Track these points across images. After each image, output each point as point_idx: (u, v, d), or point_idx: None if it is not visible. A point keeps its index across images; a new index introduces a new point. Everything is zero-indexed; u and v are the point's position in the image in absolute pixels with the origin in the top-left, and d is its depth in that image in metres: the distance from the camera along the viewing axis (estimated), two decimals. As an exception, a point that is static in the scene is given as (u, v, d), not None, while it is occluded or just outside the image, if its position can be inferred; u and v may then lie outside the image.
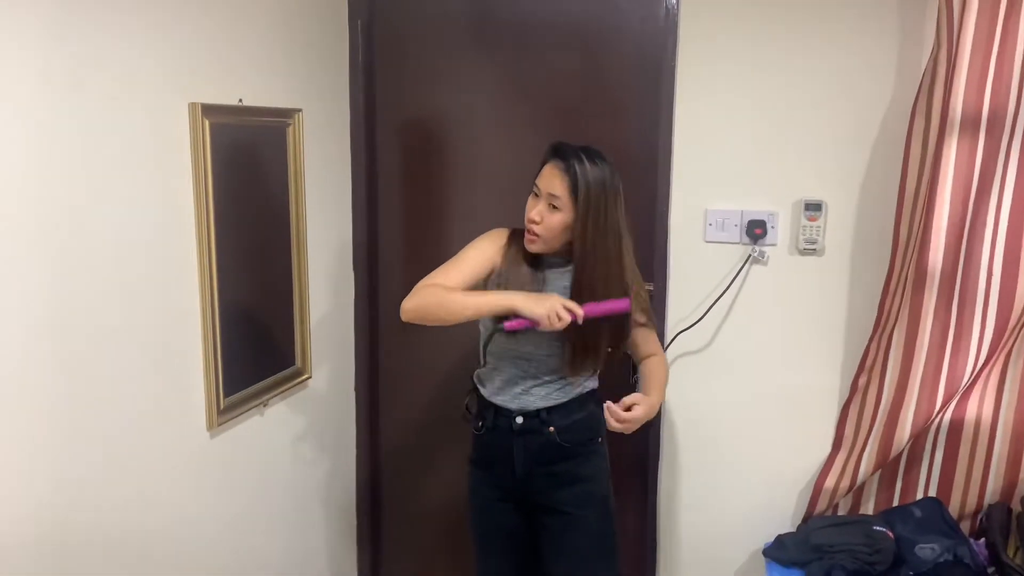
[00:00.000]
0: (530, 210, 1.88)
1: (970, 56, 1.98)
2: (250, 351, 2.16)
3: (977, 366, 2.13)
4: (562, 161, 1.84)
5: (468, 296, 1.83)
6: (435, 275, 1.90)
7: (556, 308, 1.75)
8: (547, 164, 1.88)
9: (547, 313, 1.75)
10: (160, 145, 1.80)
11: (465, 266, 1.91)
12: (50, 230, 1.54)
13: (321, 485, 2.60)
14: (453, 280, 1.88)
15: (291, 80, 2.28)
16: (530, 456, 1.97)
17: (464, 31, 2.54)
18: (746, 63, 2.28)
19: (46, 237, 1.54)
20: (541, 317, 1.75)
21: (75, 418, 1.63)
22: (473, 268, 1.92)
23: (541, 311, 1.75)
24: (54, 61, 1.53)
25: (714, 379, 2.43)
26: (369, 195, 2.65)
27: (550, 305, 1.76)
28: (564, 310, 1.76)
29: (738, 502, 2.48)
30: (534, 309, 1.76)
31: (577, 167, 1.81)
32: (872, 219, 2.25)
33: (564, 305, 1.77)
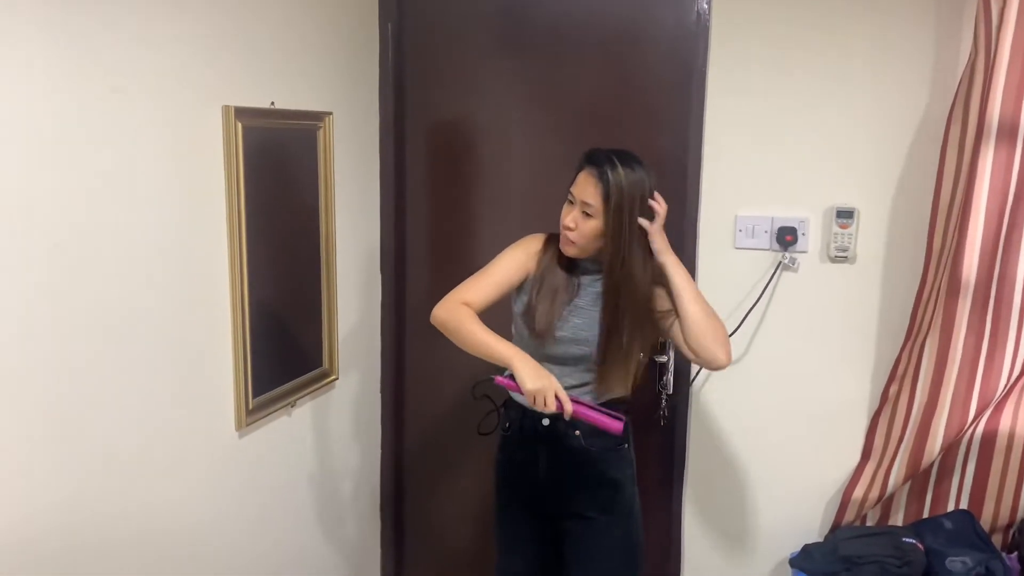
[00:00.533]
0: (565, 217, 1.88)
1: (1008, 64, 1.95)
2: (278, 352, 2.18)
3: (1012, 377, 2.09)
4: (595, 168, 1.83)
5: (482, 335, 1.82)
6: (466, 286, 1.90)
7: (547, 392, 1.72)
8: (581, 171, 1.87)
9: (535, 392, 1.72)
10: (194, 147, 1.82)
11: (495, 277, 1.91)
12: (83, 232, 1.56)
13: (346, 486, 2.62)
14: (482, 294, 1.89)
15: (322, 83, 2.29)
16: (555, 459, 1.96)
17: (494, 35, 2.54)
18: (778, 68, 2.26)
19: (79, 239, 1.56)
20: (528, 393, 1.73)
21: (105, 417, 1.65)
22: (503, 278, 1.92)
23: (531, 387, 1.72)
24: (89, 66, 1.55)
25: (742, 386, 2.42)
26: (397, 199, 2.66)
27: (543, 385, 1.73)
28: (553, 398, 1.73)
29: (765, 510, 2.46)
30: (525, 382, 1.73)
31: (610, 174, 1.80)
32: (905, 227, 2.23)
33: (557, 393, 1.73)
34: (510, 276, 1.92)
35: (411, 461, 2.84)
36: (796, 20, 2.23)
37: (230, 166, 1.91)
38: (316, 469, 2.43)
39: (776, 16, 2.24)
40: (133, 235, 1.67)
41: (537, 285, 1.92)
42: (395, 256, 2.69)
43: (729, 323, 2.38)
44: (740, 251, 2.36)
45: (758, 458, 2.45)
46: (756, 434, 2.44)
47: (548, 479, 1.98)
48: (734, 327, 2.37)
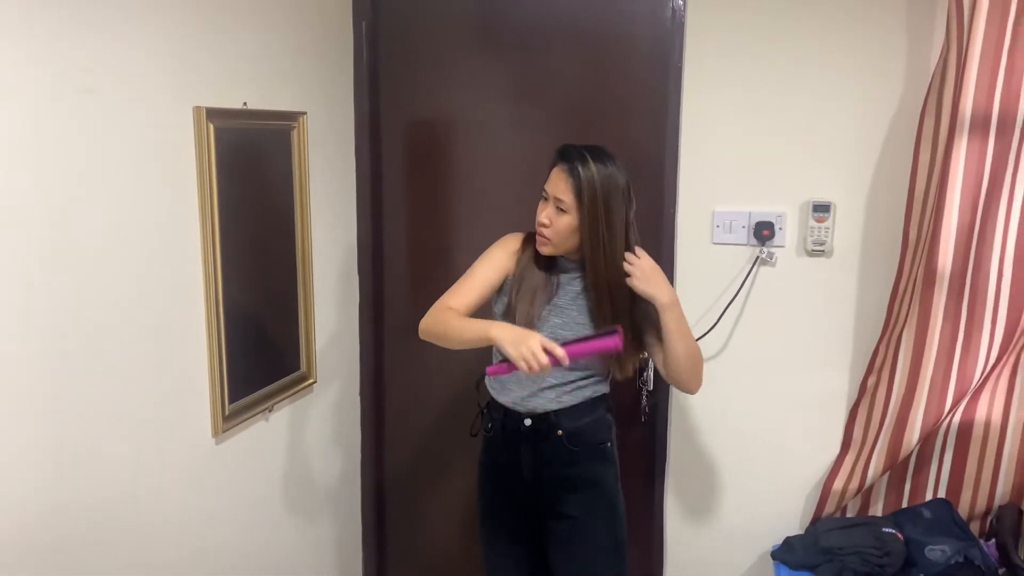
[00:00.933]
0: (540, 214, 1.89)
1: (980, 58, 1.97)
2: (255, 356, 2.14)
3: (987, 367, 2.12)
4: (566, 164, 1.84)
5: (461, 324, 1.82)
6: (450, 294, 1.92)
7: (533, 348, 1.64)
8: (554, 168, 1.88)
9: (521, 356, 1.64)
10: (164, 149, 1.78)
11: (476, 280, 1.92)
12: (52, 234, 1.53)
13: (327, 490, 2.59)
14: (465, 299, 1.90)
15: (295, 83, 2.26)
16: (538, 459, 1.96)
17: (470, 33, 2.52)
18: (754, 64, 2.27)
19: (48, 241, 1.52)
20: (515, 359, 1.65)
21: (78, 425, 1.61)
22: (484, 280, 1.93)
23: (515, 352, 1.65)
24: (59, 66, 1.51)
25: (721, 381, 2.42)
26: (374, 199, 2.64)
27: (527, 346, 1.65)
28: (542, 352, 1.65)
29: (746, 504, 2.47)
30: (508, 349, 1.67)
31: (581, 169, 1.81)
32: (881, 220, 2.24)
33: (544, 346, 1.66)
34: (490, 278, 1.93)
35: (392, 465, 2.82)
36: (771, 16, 2.24)
37: (202, 168, 1.87)
38: (295, 475, 2.40)
39: (751, 12, 2.25)
40: (103, 239, 1.63)
41: (516, 285, 1.91)
42: (372, 256, 2.66)
43: (708, 318, 2.39)
44: (718, 246, 2.37)
45: (739, 452, 2.46)
46: (736, 428, 2.45)
47: (532, 479, 1.97)
48: (712, 323, 2.37)
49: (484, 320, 1.83)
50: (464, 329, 1.80)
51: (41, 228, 1.50)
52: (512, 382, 1.95)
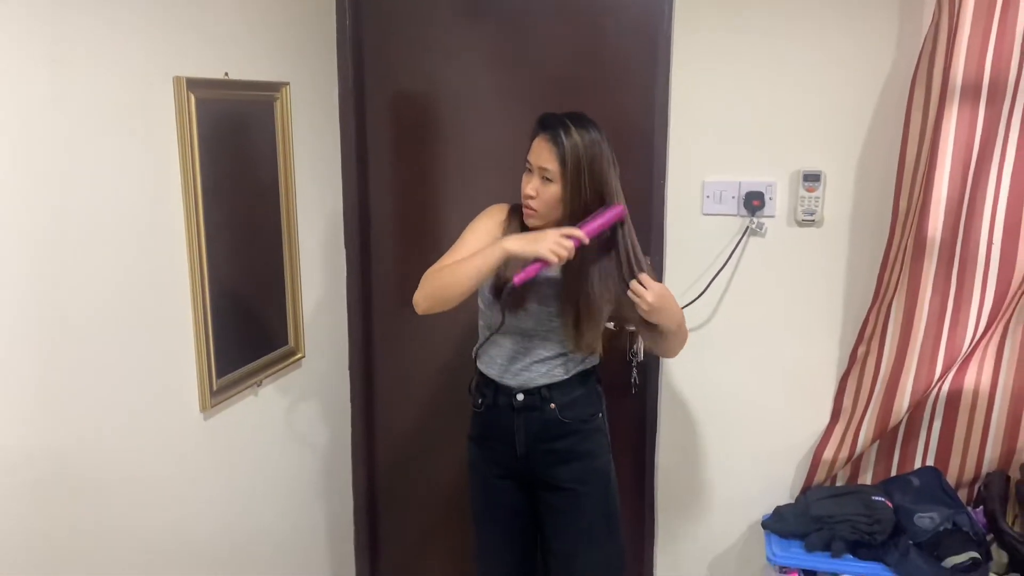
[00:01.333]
0: (525, 186, 1.86)
1: (971, 25, 1.95)
2: (242, 331, 2.12)
3: (976, 335, 2.12)
4: (549, 132, 1.81)
5: (465, 263, 1.79)
6: (440, 263, 1.88)
7: (556, 240, 1.70)
8: (536, 138, 1.85)
9: (548, 249, 1.69)
10: (144, 121, 1.74)
11: (466, 249, 1.87)
12: (32, 210, 1.49)
13: (317, 465, 2.58)
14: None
15: (278, 52, 2.22)
16: (531, 433, 1.95)
17: (456, 2, 2.48)
18: (743, 32, 2.24)
19: (28, 217, 1.49)
20: (544, 254, 1.69)
21: (63, 401, 1.59)
22: (475, 249, 1.87)
23: (541, 248, 1.69)
24: (34, 36, 1.47)
25: (712, 351, 2.42)
26: (359, 169, 2.60)
27: (548, 240, 1.70)
28: (564, 239, 1.71)
29: (736, 474, 2.48)
30: (533, 249, 1.70)
31: (564, 137, 1.79)
32: (871, 189, 2.23)
33: (563, 234, 1.71)
34: (481, 245, 1.88)
35: (382, 437, 2.81)
36: (760, -18, 2.21)
37: (184, 140, 1.83)
38: (285, 449, 2.38)
39: (741, -22, 2.22)
40: (83, 216, 1.60)
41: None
42: (359, 229, 2.63)
43: (698, 289, 2.38)
44: (708, 217, 2.35)
45: (728, 422, 2.46)
46: (726, 399, 2.45)
47: (524, 453, 1.97)
48: (700, 291, 2.37)
49: (489, 246, 1.79)
50: (476, 265, 1.76)
51: (17, 205, 1.46)
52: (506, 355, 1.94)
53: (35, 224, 1.50)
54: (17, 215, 1.46)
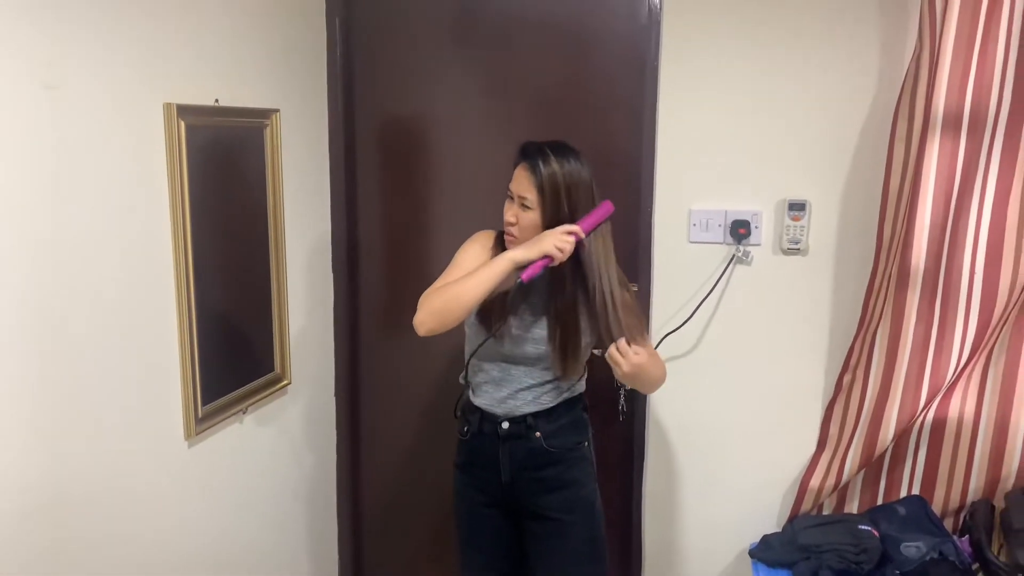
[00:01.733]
0: (506, 213, 1.89)
1: (952, 57, 1.98)
2: (228, 357, 2.11)
3: (960, 364, 2.14)
4: (528, 161, 1.84)
5: (470, 277, 1.80)
6: (440, 281, 1.89)
7: (559, 237, 1.77)
8: (517, 166, 1.88)
9: (553, 246, 1.76)
10: (134, 147, 1.75)
11: (461, 271, 1.88)
12: (21, 234, 1.49)
13: (302, 493, 2.56)
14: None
15: (268, 80, 2.23)
16: (516, 462, 1.95)
17: (445, 29, 2.51)
18: (729, 63, 2.27)
19: (17, 241, 1.48)
20: (550, 251, 1.76)
21: (49, 429, 1.58)
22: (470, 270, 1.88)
23: (547, 246, 1.77)
24: (27, 61, 1.48)
25: (699, 379, 2.42)
26: (348, 196, 2.61)
27: (550, 241, 1.77)
28: (565, 235, 1.78)
29: (723, 502, 2.48)
30: (539, 248, 1.77)
31: (542, 166, 1.81)
32: (856, 218, 2.25)
33: (563, 231, 1.78)
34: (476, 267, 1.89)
35: (367, 465, 2.80)
36: (746, 16, 2.24)
37: (173, 166, 1.84)
38: (270, 478, 2.36)
39: (727, 12, 2.25)
40: (71, 240, 1.60)
41: None
42: (347, 255, 2.64)
43: (683, 314, 2.39)
44: (695, 245, 2.37)
45: (716, 450, 2.46)
46: (713, 427, 2.45)
47: (510, 481, 1.96)
48: (685, 319, 2.38)
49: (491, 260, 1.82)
50: (482, 277, 1.78)
51: (5, 230, 1.46)
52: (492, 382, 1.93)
53: (24, 248, 1.49)
54: (6, 239, 1.46)
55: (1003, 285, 2.07)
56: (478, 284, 1.78)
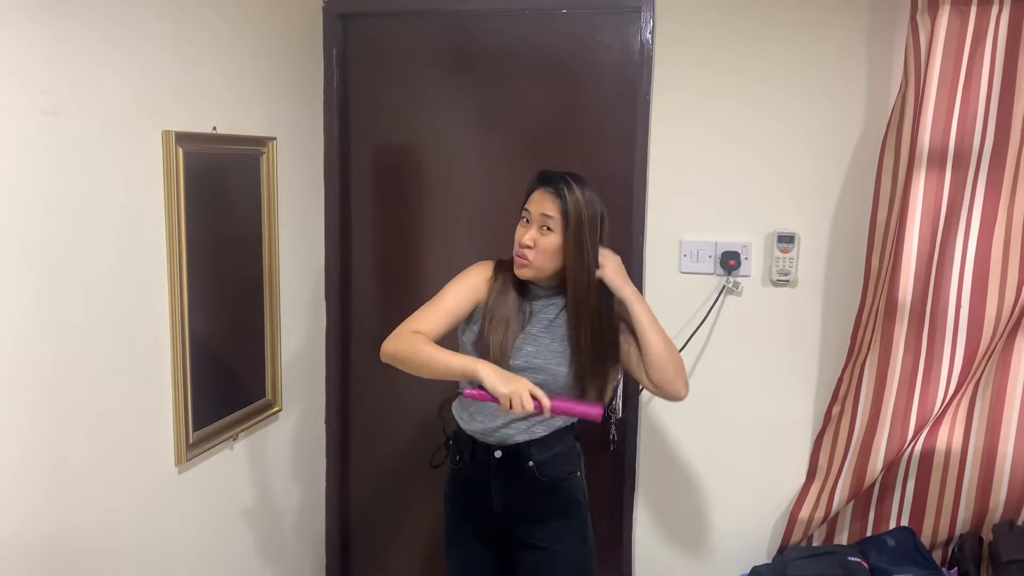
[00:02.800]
0: (522, 236, 1.86)
1: (936, 93, 2.03)
2: (220, 383, 2.11)
3: (948, 395, 2.16)
4: (551, 186, 1.85)
5: (439, 356, 1.77)
6: (416, 318, 1.86)
7: (522, 393, 1.65)
8: (536, 191, 1.88)
9: (510, 394, 1.65)
10: (132, 173, 1.76)
11: (446, 306, 1.88)
12: (18, 259, 1.50)
13: (290, 521, 2.54)
14: (433, 324, 1.84)
15: (265, 108, 2.26)
16: (509, 491, 1.94)
17: (440, 61, 2.54)
18: (720, 97, 2.31)
19: (14, 266, 1.49)
20: (503, 397, 1.66)
21: (40, 453, 1.57)
22: (454, 307, 1.88)
23: (504, 390, 1.66)
24: (26, 88, 1.49)
25: (689, 410, 2.42)
26: (342, 224, 2.63)
27: (515, 387, 1.66)
28: (530, 398, 1.66)
29: (714, 533, 2.48)
30: (497, 387, 1.67)
31: (567, 191, 1.83)
32: (844, 251, 2.29)
33: (532, 393, 1.67)
34: (461, 305, 1.89)
35: (357, 494, 2.78)
36: (736, 52, 2.29)
37: (170, 193, 1.85)
38: (259, 505, 2.35)
39: (718, 47, 2.30)
40: (68, 264, 1.61)
41: (489, 314, 1.89)
42: (340, 282, 2.65)
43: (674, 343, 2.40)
44: (685, 275, 2.39)
45: (706, 481, 2.46)
46: (704, 458, 2.46)
47: (502, 511, 1.95)
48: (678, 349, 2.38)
49: (465, 356, 1.79)
50: (444, 360, 1.75)
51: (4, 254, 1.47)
52: (480, 411, 1.93)
53: (15, 270, 1.50)
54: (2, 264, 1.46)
55: (989, 317, 2.09)
56: (439, 369, 1.75)
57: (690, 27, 2.30)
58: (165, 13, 1.84)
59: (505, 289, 1.90)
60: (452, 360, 1.76)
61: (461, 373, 1.74)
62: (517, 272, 1.89)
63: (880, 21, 2.19)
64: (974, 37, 2.01)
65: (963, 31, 2.01)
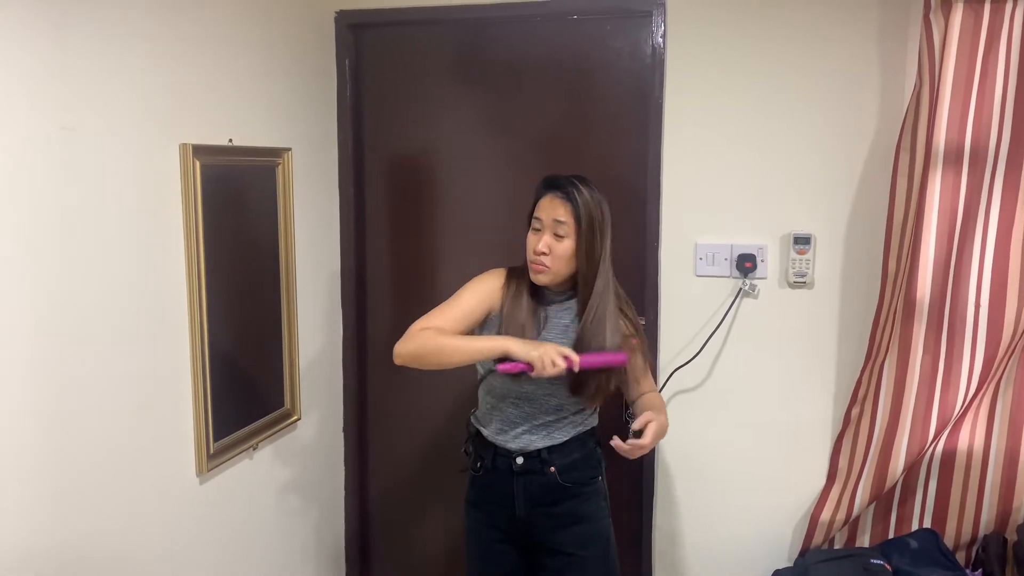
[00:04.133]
0: (536, 243, 1.86)
1: (951, 93, 2.03)
2: (240, 393, 2.12)
3: (968, 396, 2.14)
4: (560, 191, 1.85)
5: (463, 340, 1.82)
6: (429, 318, 1.87)
7: (551, 354, 1.73)
8: (544, 197, 1.88)
9: (541, 356, 1.72)
10: (151, 186, 1.78)
11: (459, 310, 1.89)
12: (38, 270, 1.51)
13: (309, 530, 2.55)
14: (448, 322, 1.86)
15: (280, 119, 2.27)
16: (531, 497, 1.94)
17: (452, 69, 2.55)
18: (733, 99, 2.31)
19: (34, 277, 1.51)
20: (535, 360, 1.72)
21: (64, 461, 1.58)
22: (467, 311, 1.89)
23: (536, 354, 1.73)
24: (46, 102, 1.51)
25: (707, 413, 2.43)
26: (357, 233, 2.64)
27: (544, 350, 1.74)
28: (560, 356, 1.73)
29: (734, 537, 2.46)
30: (529, 352, 1.74)
31: (577, 194, 1.83)
32: (860, 252, 2.28)
33: (560, 352, 1.74)
34: (474, 310, 1.90)
35: (375, 502, 2.79)
36: (749, 53, 2.28)
37: (188, 204, 1.87)
38: (278, 514, 2.36)
39: (730, 49, 2.29)
40: (88, 276, 1.62)
41: (504, 322, 1.89)
42: (356, 290, 2.66)
43: (692, 350, 2.40)
44: (701, 278, 2.39)
45: (726, 484, 2.45)
46: (722, 460, 2.45)
47: (524, 516, 1.95)
48: (695, 352, 2.39)
49: (487, 336, 1.84)
50: (470, 345, 1.80)
51: (21, 264, 1.49)
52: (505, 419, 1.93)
53: (36, 282, 1.51)
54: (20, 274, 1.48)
55: (1009, 317, 2.08)
56: (465, 353, 1.80)
57: (701, 30, 2.31)
58: (180, 29, 1.86)
59: (519, 296, 1.91)
60: (478, 343, 1.82)
61: (490, 351, 1.79)
62: (534, 279, 1.89)
63: (893, 20, 2.18)
64: (988, 35, 2.00)
65: (977, 29, 2.00)
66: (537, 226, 1.88)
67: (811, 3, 2.23)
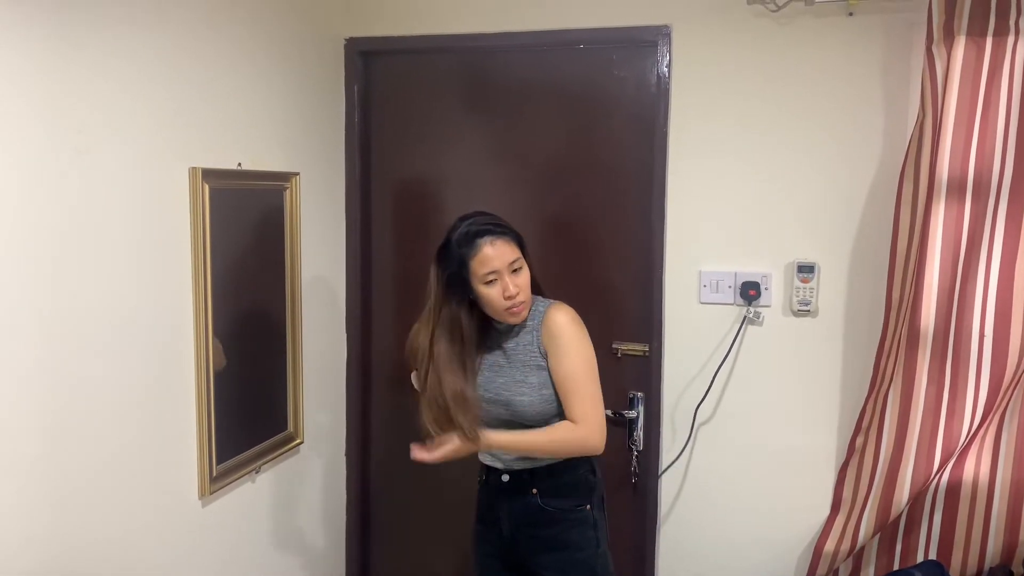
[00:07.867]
0: (504, 291, 1.82)
1: (954, 124, 2.04)
2: (244, 416, 2.13)
3: (973, 426, 2.13)
4: (492, 234, 1.83)
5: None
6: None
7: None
8: (479, 251, 1.82)
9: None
10: (160, 209, 1.80)
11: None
12: (46, 293, 1.53)
13: (311, 554, 2.53)
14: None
15: (289, 144, 2.30)
16: (515, 516, 1.94)
17: (459, 96, 2.58)
18: (737, 128, 2.33)
19: (42, 300, 1.52)
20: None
21: (66, 482, 1.59)
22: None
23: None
24: (57, 127, 1.54)
25: (711, 442, 2.42)
26: (363, 257, 2.65)
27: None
28: None
29: (737, 567, 2.44)
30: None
31: (505, 225, 1.86)
32: (865, 281, 2.28)
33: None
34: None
35: (376, 526, 2.77)
36: (752, 83, 2.31)
37: (196, 228, 1.89)
38: (280, 538, 2.35)
39: (734, 80, 2.32)
40: (96, 298, 1.63)
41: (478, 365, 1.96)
42: (361, 315, 2.67)
43: (697, 377, 2.40)
44: (705, 306, 2.40)
45: (729, 513, 2.44)
46: (727, 490, 2.43)
47: (510, 535, 1.96)
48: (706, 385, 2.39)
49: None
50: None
51: (31, 288, 1.50)
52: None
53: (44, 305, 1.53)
54: (29, 296, 1.49)
55: (1013, 346, 2.08)
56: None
57: (706, 60, 2.33)
58: (192, 54, 1.89)
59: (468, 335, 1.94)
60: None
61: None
62: (514, 320, 1.87)
63: (896, 51, 2.21)
64: (991, 67, 2.02)
65: (979, 62, 2.02)
66: (491, 278, 1.83)
67: (816, 34, 2.25)
